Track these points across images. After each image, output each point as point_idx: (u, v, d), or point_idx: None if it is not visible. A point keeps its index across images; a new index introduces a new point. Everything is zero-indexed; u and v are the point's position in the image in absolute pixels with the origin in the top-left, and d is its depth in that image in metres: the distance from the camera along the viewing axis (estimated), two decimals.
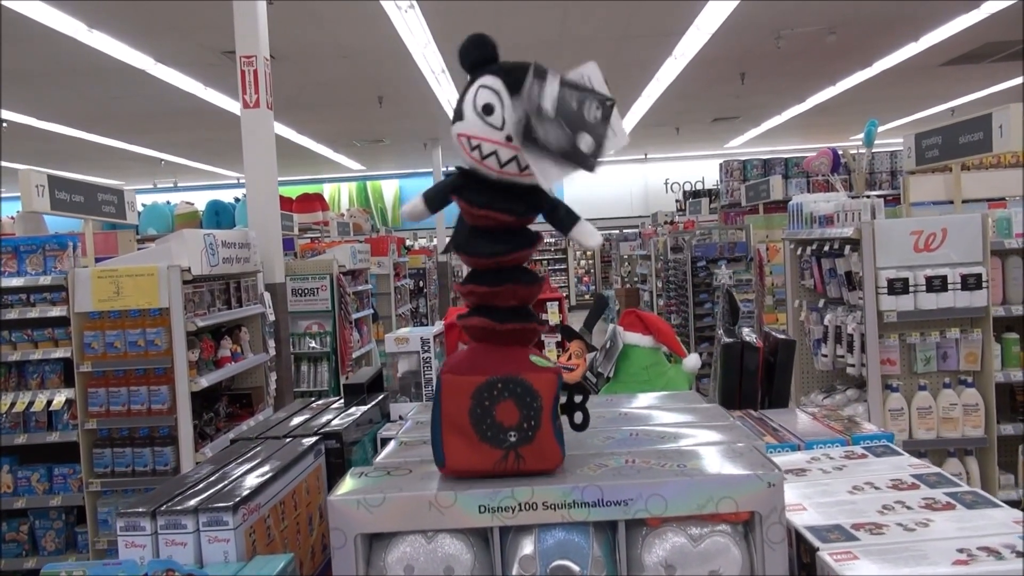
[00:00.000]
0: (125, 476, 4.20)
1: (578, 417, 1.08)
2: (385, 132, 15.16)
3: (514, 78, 1.07)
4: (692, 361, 2.37)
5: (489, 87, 1.08)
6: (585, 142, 1.03)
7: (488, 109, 1.07)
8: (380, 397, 1.80)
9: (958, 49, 10.59)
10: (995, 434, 3.90)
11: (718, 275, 6.90)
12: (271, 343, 5.30)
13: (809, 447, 1.21)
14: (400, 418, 1.82)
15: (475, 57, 1.11)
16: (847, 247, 4.21)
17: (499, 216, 1.07)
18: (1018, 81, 12.75)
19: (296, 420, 1.64)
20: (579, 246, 1.30)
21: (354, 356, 7.84)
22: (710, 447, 0.99)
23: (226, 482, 1.18)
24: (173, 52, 8.84)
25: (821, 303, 4.73)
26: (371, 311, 9.08)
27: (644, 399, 1.36)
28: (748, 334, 1.78)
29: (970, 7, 8.85)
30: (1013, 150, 4.10)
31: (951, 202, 6.23)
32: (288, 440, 1.45)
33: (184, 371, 4.15)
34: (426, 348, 1.79)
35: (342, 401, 1.82)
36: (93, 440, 4.27)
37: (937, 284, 3.79)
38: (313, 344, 7.27)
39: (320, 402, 1.81)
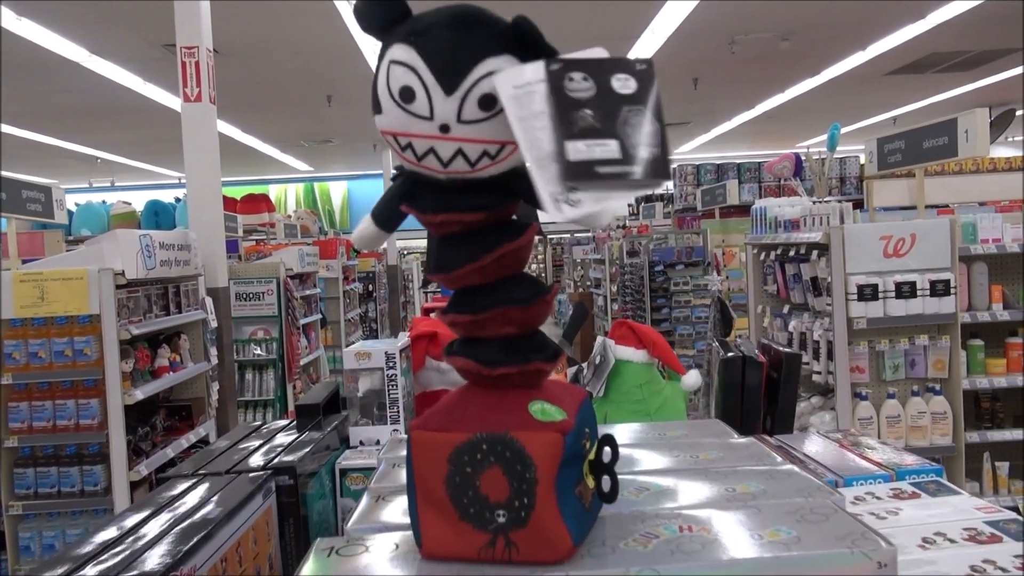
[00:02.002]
0: (50, 498, 3.86)
1: (606, 483, 0.81)
2: (334, 132, 14.80)
3: (433, 46, 0.78)
4: (692, 379, 2.19)
5: (402, 62, 0.79)
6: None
7: (407, 94, 0.79)
8: (338, 420, 1.59)
9: (903, 59, 10.78)
10: (963, 442, 3.86)
11: (709, 282, 6.77)
12: (213, 351, 5.00)
13: (849, 484, 1.05)
14: (361, 443, 1.61)
15: (376, 18, 0.82)
16: (814, 252, 4.13)
17: (464, 217, 0.82)
18: (960, 91, 13.09)
19: (240, 449, 1.42)
20: (584, 227, 0.92)
21: (302, 363, 7.54)
22: (778, 503, 0.79)
23: (149, 540, 0.96)
24: (110, 44, 8.40)
25: (786, 309, 4.65)
26: (319, 316, 8.78)
27: (662, 430, 1.17)
28: (747, 346, 1.62)
29: (915, 17, 8.99)
30: (980, 155, 4.07)
31: (904, 208, 6.27)
32: (232, 476, 1.23)
33: (117, 383, 3.84)
34: (391, 364, 1.58)
35: (294, 423, 1.61)
36: (14, 459, 3.91)
37: (906, 290, 3.72)
38: (258, 351, 6.95)
39: (269, 427, 1.58)
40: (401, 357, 1.61)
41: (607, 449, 0.83)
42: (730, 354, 1.55)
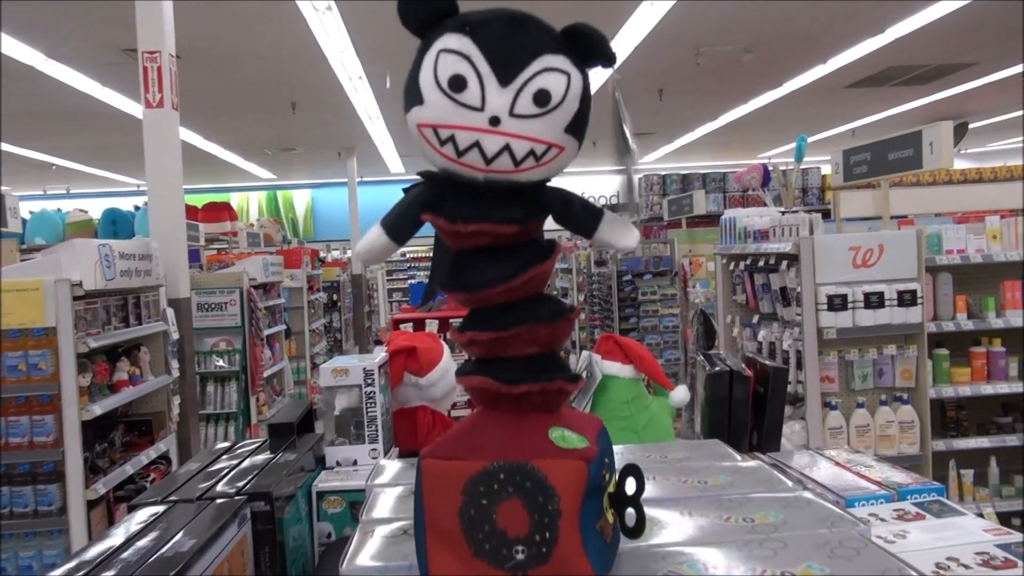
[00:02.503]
0: (1, 519, 3.69)
1: (630, 517, 0.75)
2: (298, 140, 14.62)
3: (491, 36, 0.74)
4: (680, 394, 2.14)
5: (455, 51, 0.75)
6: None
7: (458, 83, 0.74)
8: (314, 440, 1.52)
9: (863, 72, 11.01)
10: (930, 451, 3.90)
11: (692, 294, 6.77)
12: (174, 363, 4.86)
13: (850, 504, 1.03)
14: (337, 464, 1.55)
15: (424, 11, 0.77)
16: (783, 262, 4.16)
17: (497, 228, 0.77)
18: (917, 104, 13.41)
19: (211, 472, 1.35)
20: (610, 249, 0.88)
21: (265, 375, 7.40)
22: (803, 536, 0.75)
23: None
24: (67, 48, 8.18)
25: (755, 319, 4.68)
26: (283, 327, 8.62)
27: (663, 452, 1.13)
28: (733, 360, 1.60)
29: (875, 32, 9.19)
30: (944, 167, 4.14)
31: (867, 218, 6.36)
32: (205, 503, 1.16)
33: (73, 398, 3.70)
34: (369, 381, 1.52)
35: (266, 443, 1.54)
36: None
37: (875, 300, 3.76)
38: (221, 363, 6.80)
39: (240, 447, 1.51)
40: (379, 373, 1.56)
41: (630, 480, 0.77)
42: (717, 368, 1.53)
